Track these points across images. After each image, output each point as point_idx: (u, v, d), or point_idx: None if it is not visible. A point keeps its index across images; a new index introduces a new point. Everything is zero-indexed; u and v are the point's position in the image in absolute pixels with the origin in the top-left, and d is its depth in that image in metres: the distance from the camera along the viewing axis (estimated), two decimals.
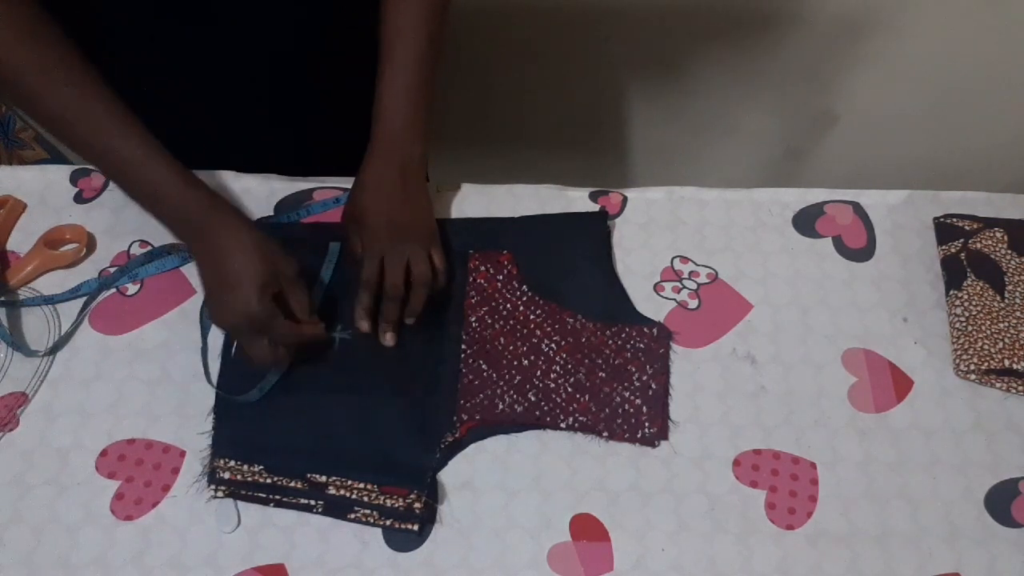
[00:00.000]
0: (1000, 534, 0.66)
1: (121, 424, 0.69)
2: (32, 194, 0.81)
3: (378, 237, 0.71)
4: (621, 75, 1.30)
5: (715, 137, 1.42)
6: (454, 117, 1.39)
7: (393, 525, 0.65)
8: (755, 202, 0.82)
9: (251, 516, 0.66)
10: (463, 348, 0.72)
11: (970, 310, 0.74)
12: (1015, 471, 0.68)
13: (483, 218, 0.80)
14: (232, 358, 0.72)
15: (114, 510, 0.66)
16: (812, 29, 1.18)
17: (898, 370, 0.73)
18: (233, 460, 0.67)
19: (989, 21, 1.13)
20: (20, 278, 0.76)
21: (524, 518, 0.66)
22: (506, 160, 1.44)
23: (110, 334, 0.74)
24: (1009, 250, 0.77)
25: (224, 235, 0.65)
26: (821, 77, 1.27)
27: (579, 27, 1.22)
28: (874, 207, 0.82)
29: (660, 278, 0.78)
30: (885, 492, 0.67)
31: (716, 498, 0.67)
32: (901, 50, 1.19)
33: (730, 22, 1.18)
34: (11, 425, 0.69)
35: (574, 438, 0.69)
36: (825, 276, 0.78)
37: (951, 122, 1.31)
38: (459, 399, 0.70)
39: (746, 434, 0.70)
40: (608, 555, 0.65)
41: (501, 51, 1.27)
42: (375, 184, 0.72)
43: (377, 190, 0.72)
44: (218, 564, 0.64)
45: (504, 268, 0.76)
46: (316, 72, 0.81)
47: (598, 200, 0.81)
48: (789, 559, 0.65)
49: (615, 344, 0.73)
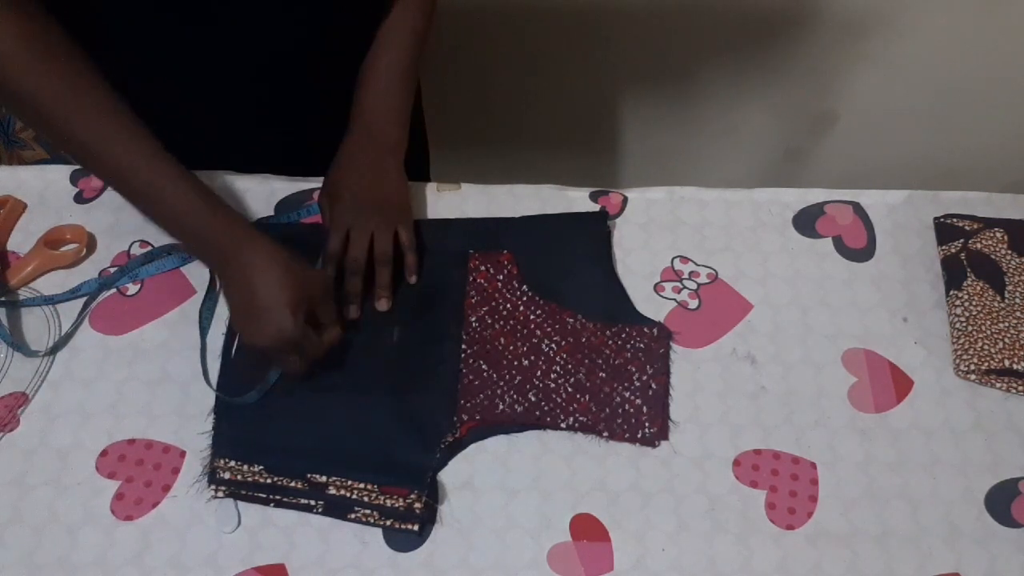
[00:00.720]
0: (1000, 534, 0.66)
1: (121, 424, 0.69)
2: (32, 194, 0.81)
3: (344, 211, 0.72)
4: (621, 75, 1.30)
5: (715, 137, 1.42)
6: (454, 117, 1.39)
7: (393, 525, 0.65)
8: (755, 202, 0.82)
9: (251, 516, 0.66)
10: (463, 348, 0.72)
11: (970, 310, 0.74)
12: (1015, 471, 0.68)
13: (483, 218, 0.80)
14: (232, 359, 0.72)
15: (114, 510, 0.66)
16: (812, 29, 1.18)
17: (898, 370, 0.73)
18: (233, 460, 0.67)
19: (989, 21, 1.13)
20: (20, 278, 0.76)
21: (524, 518, 0.66)
22: (506, 160, 1.44)
23: (110, 334, 0.74)
24: (1009, 250, 0.77)
25: (254, 258, 0.65)
26: (821, 77, 1.27)
27: (579, 27, 1.22)
28: (874, 207, 0.82)
29: (660, 278, 0.78)
30: (885, 492, 0.67)
31: (716, 498, 0.67)
32: (901, 50, 1.19)
33: (730, 22, 1.18)
34: (11, 425, 0.69)
35: (574, 438, 0.69)
36: (825, 276, 0.78)
37: (951, 122, 1.31)
38: (459, 399, 0.70)
39: (746, 434, 0.70)
40: (608, 555, 0.65)
41: (501, 52, 1.27)
42: (348, 161, 0.74)
43: (349, 167, 0.74)
44: (218, 564, 0.64)
45: (504, 268, 0.76)
46: (316, 72, 0.81)
47: (598, 200, 0.81)
48: (789, 559, 0.65)
49: (615, 344, 0.73)
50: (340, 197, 0.73)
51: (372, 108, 0.74)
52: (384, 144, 0.74)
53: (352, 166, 0.74)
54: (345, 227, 0.72)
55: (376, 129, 0.74)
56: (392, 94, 0.75)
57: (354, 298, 0.73)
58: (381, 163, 0.74)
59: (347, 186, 0.73)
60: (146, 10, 0.70)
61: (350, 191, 0.73)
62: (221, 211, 0.66)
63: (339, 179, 0.74)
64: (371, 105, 0.74)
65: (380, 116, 0.74)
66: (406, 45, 0.74)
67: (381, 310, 0.73)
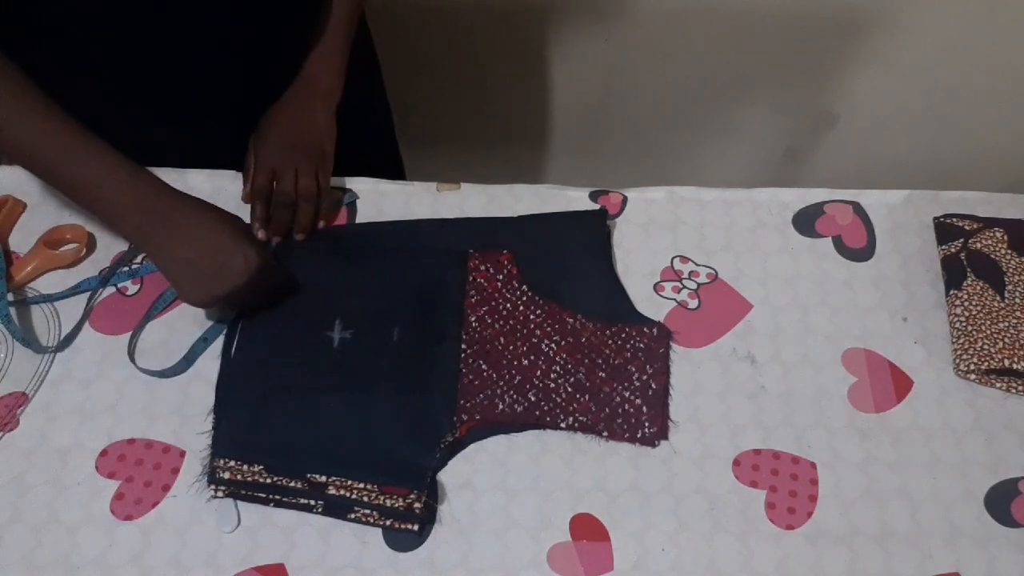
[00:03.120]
0: (1000, 534, 0.66)
1: (121, 424, 0.69)
2: (32, 194, 0.81)
3: (271, 151, 0.76)
4: (621, 75, 1.30)
5: (715, 137, 1.42)
6: (454, 117, 1.39)
7: (393, 525, 0.65)
8: (755, 202, 0.82)
9: (251, 516, 0.66)
10: (463, 348, 0.72)
11: (970, 310, 0.74)
12: (1015, 471, 0.68)
13: (483, 218, 0.80)
14: (231, 359, 0.72)
15: (114, 510, 0.66)
16: (812, 29, 1.18)
17: (898, 370, 0.73)
18: (233, 460, 0.67)
19: (989, 21, 1.13)
20: (20, 278, 0.76)
21: (524, 518, 0.66)
22: (506, 160, 1.44)
23: (110, 334, 0.74)
24: (1009, 250, 0.77)
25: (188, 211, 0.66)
26: (821, 77, 1.27)
27: (579, 27, 1.22)
28: (874, 207, 0.82)
29: (660, 278, 0.78)
30: (885, 492, 0.67)
31: (716, 498, 0.67)
32: (901, 50, 1.19)
33: (730, 22, 1.18)
34: (11, 425, 0.69)
35: (574, 438, 0.69)
36: (825, 276, 0.78)
37: (951, 122, 1.31)
38: (459, 399, 0.70)
39: (746, 434, 0.70)
40: (608, 555, 0.65)
41: (501, 51, 1.27)
42: (280, 105, 0.78)
43: (279, 111, 0.79)
44: (218, 564, 0.64)
45: (504, 268, 0.76)
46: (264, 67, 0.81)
47: (598, 200, 0.81)
48: (789, 559, 0.65)
49: (615, 344, 0.73)
50: (266, 137, 0.77)
51: (310, 61, 0.79)
52: (315, 91, 0.79)
53: (282, 110, 0.78)
54: (270, 166, 0.76)
55: (311, 78, 0.79)
56: (328, 48, 0.79)
57: (282, 229, 0.76)
58: (310, 108, 0.78)
59: (273, 128, 0.77)
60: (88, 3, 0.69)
61: (276, 132, 0.77)
62: (143, 176, 0.66)
63: (269, 121, 0.78)
64: (309, 59, 0.79)
65: (315, 67, 0.79)
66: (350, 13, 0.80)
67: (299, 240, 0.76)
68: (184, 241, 0.65)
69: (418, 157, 1.11)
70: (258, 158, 0.76)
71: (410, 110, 1.14)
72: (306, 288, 0.75)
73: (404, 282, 0.75)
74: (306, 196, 0.75)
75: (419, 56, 1.25)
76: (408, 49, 1.21)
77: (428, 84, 1.31)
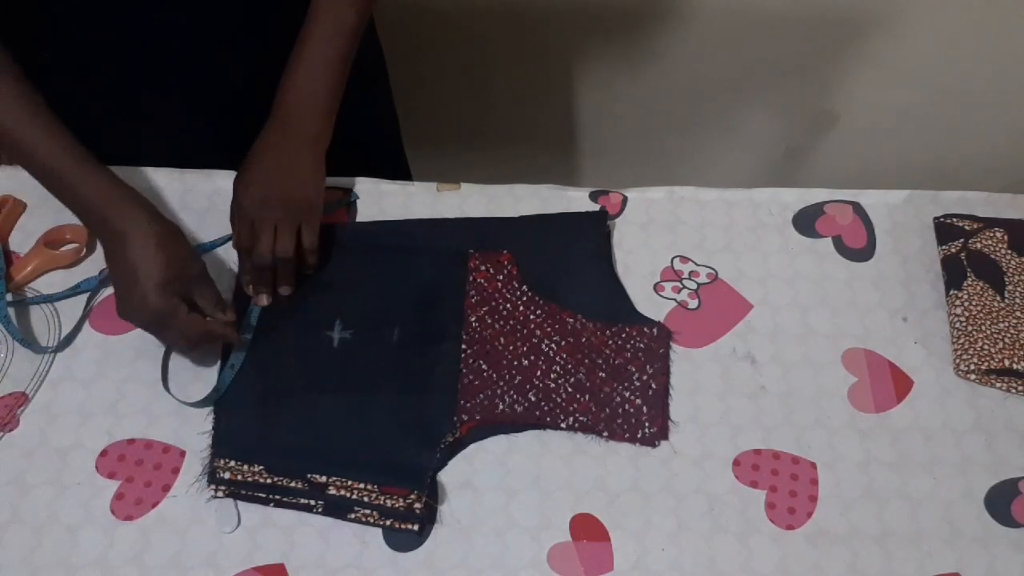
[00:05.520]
0: (1000, 534, 0.66)
1: (121, 424, 0.69)
2: (32, 194, 0.81)
3: (250, 206, 0.71)
4: (621, 75, 1.30)
5: (715, 137, 1.42)
6: (454, 117, 1.39)
7: (393, 525, 0.65)
8: (755, 202, 0.82)
9: (251, 516, 0.66)
10: (463, 348, 0.72)
11: (970, 310, 0.74)
12: (1015, 471, 0.68)
13: (483, 218, 0.80)
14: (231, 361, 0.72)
15: (114, 510, 0.66)
16: (812, 29, 1.18)
17: (898, 370, 0.73)
18: (233, 460, 0.67)
19: (989, 21, 1.13)
20: (20, 278, 0.76)
21: (524, 518, 0.66)
22: (506, 160, 1.44)
23: (110, 334, 0.74)
24: (1009, 250, 0.77)
25: (126, 226, 0.65)
26: (821, 77, 1.27)
27: (579, 27, 1.22)
28: (874, 207, 0.82)
29: (660, 278, 0.78)
30: (885, 492, 0.67)
31: (716, 498, 0.67)
32: (901, 50, 1.19)
33: (730, 22, 1.18)
34: (11, 425, 0.69)
35: (574, 438, 0.69)
36: (825, 276, 0.78)
37: (951, 122, 1.31)
38: (459, 399, 0.70)
39: (746, 434, 0.70)
40: (608, 555, 0.65)
41: (501, 51, 1.26)
42: (260, 153, 0.72)
43: (260, 160, 0.72)
44: (218, 564, 0.64)
45: (504, 268, 0.76)
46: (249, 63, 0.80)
47: (598, 200, 0.81)
48: (789, 559, 0.65)
49: (615, 344, 0.73)
50: (247, 187, 0.72)
51: (292, 99, 0.72)
52: (301, 136, 0.72)
53: (264, 158, 0.72)
54: (249, 220, 0.71)
55: (294, 120, 0.72)
56: (315, 85, 0.72)
57: (264, 289, 0.73)
58: (296, 156, 0.72)
59: (253, 181, 0.72)
60: None
61: (257, 184, 0.71)
62: (102, 175, 0.66)
63: (250, 169, 0.72)
64: (292, 96, 0.72)
65: (300, 107, 0.72)
66: (329, 36, 0.72)
67: (284, 295, 0.74)
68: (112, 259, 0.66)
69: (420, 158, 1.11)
70: (240, 210, 0.72)
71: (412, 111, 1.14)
72: (306, 288, 0.75)
73: (404, 282, 0.75)
74: (284, 257, 0.71)
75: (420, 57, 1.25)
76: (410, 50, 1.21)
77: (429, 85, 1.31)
